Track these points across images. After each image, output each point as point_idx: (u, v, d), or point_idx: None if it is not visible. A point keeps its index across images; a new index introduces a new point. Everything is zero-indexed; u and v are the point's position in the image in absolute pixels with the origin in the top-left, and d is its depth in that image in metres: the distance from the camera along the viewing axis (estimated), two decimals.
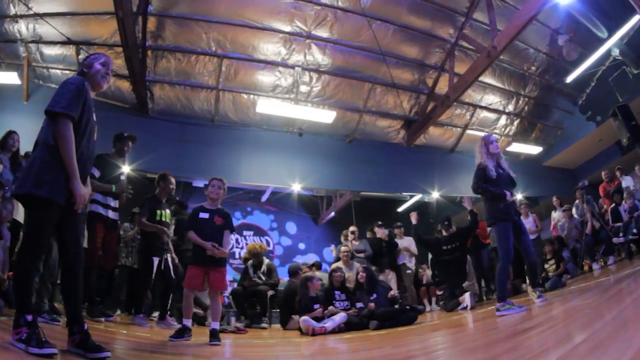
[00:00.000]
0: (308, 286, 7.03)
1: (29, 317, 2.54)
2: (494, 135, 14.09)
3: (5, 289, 5.07)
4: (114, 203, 5.99)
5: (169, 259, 6.54)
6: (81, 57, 9.35)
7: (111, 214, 5.94)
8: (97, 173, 5.59)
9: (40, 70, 10.07)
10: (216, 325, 4.86)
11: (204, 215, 5.04)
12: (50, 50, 9.66)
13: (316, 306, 6.82)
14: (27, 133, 5.49)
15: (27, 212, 2.93)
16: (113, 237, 6.13)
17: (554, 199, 11.35)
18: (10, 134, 5.66)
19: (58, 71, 10.02)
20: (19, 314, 2.56)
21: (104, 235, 5.82)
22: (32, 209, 2.81)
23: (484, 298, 9.18)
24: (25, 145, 5.55)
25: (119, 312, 7.66)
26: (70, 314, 2.85)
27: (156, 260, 6.27)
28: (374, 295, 7.25)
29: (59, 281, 5.14)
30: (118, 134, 6.20)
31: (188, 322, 4.84)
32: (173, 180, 6.63)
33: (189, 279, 4.90)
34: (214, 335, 4.69)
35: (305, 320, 6.36)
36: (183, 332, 4.71)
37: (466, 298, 7.83)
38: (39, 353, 2.38)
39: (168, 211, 6.57)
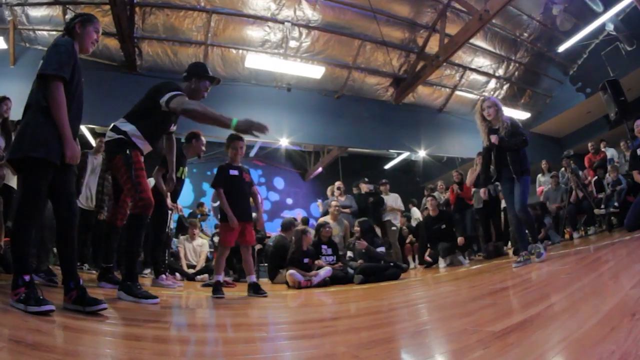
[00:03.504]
0: (302, 239, 7.16)
1: (27, 278, 2.59)
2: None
3: (2, 254, 5.09)
4: None
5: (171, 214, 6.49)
6: (68, 17, 9.04)
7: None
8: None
9: (26, 33, 9.83)
10: (254, 278, 5.14)
11: (234, 172, 5.19)
12: (36, 12, 9.40)
13: (306, 260, 7.01)
14: (16, 97, 5.44)
15: (21, 175, 2.93)
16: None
17: (544, 162, 11.40)
18: (4, 99, 5.57)
19: (45, 33, 9.78)
20: (17, 275, 2.61)
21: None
22: (28, 171, 2.81)
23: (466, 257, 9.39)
24: (14, 109, 5.46)
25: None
26: (66, 271, 2.89)
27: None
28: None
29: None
30: (199, 64, 4.73)
31: (220, 277, 4.97)
32: (205, 141, 6.32)
33: (226, 236, 5.09)
34: (257, 288, 4.99)
35: (292, 273, 6.54)
36: (220, 287, 4.86)
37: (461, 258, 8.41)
38: (38, 311, 2.44)
39: (187, 169, 6.28)
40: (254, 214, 5.75)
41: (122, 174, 3.93)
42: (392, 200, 10.11)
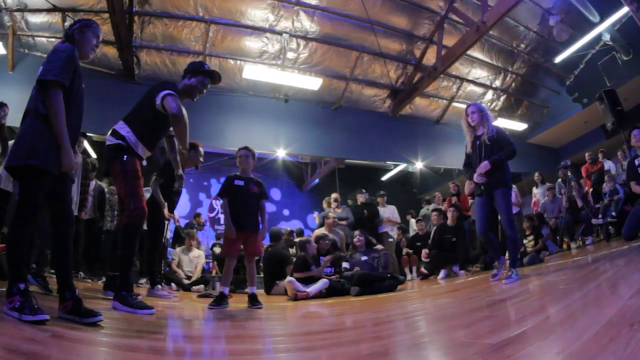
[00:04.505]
0: (307, 248, 7.27)
1: (22, 286, 2.57)
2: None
3: None
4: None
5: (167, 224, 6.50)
6: (67, 24, 9.14)
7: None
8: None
9: (25, 39, 9.84)
10: (254, 289, 5.12)
11: (239, 182, 5.20)
12: (35, 18, 9.41)
13: (312, 267, 7.09)
14: (14, 103, 5.45)
15: (19, 182, 2.91)
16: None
17: (536, 174, 11.40)
18: (1, 106, 5.57)
19: (44, 39, 9.80)
20: (11, 283, 2.59)
21: None
22: (26, 179, 2.80)
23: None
24: (12, 115, 5.47)
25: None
26: (61, 280, 2.88)
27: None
28: (365, 257, 7.42)
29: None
30: (196, 63, 4.90)
31: (226, 290, 4.95)
32: (202, 152, 6.29)
33: (227, 247, 5.11)
34: (254, 300, 4.98)
35: (291, 281, 6.53)
36: (221, 300, 4.82)
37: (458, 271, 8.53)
38: (32, 320, 2.42)
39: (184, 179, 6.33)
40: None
41: (118, 181, 3.94)
42: (389, 212, 10.12)
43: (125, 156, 3.90)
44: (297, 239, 9.85)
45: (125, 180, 3.87)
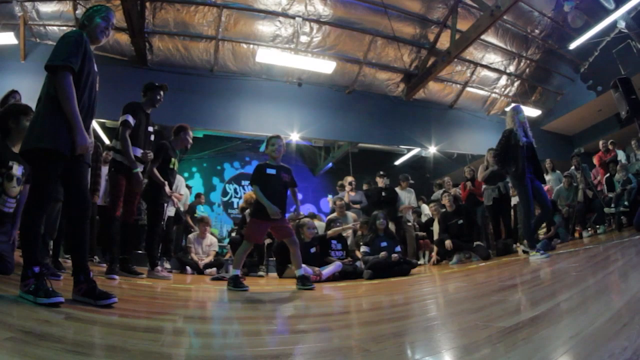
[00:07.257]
0: (301, 232, 7.22)
1: (36, 269, 2.60)
2: (494, 94, 14.13)
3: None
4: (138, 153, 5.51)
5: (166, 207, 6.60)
6: (78, 12, 9.28)
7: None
8: (132, 120, 5.43)
9: (36, 29, 9.94)
10: (302, 271, 5.13)
11: (271, 171, 5.18)
12: (46, 8, 9.49)
13: (312, 250, 7.08)
14: (26, 92, 5.49)
15: (32, 167, 2.92)
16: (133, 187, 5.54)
17: (547, 161, 11.33)
18: (12, 93, 5.60)
19: (55, 28, 9.88)
20: (26, 267, 2.62)
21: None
22: (38, 162, 2.80)
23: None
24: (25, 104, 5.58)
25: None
26: (76, 263, 2.90)
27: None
28: (385, 243, 7.41)
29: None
30: (148, 83, 5.74)
31: (238, 272, 4.97)
32: (192, 134, 6.55)
33: (253, 233, 5.13)
34: (304, 280, 5.03)
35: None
36: (239, 281, 4.88)
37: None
38: (47, 302, 2.46)
39: (176, 160, 6.42)
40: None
41: None
42: (407, 196, 10.05)
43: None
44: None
45: None
